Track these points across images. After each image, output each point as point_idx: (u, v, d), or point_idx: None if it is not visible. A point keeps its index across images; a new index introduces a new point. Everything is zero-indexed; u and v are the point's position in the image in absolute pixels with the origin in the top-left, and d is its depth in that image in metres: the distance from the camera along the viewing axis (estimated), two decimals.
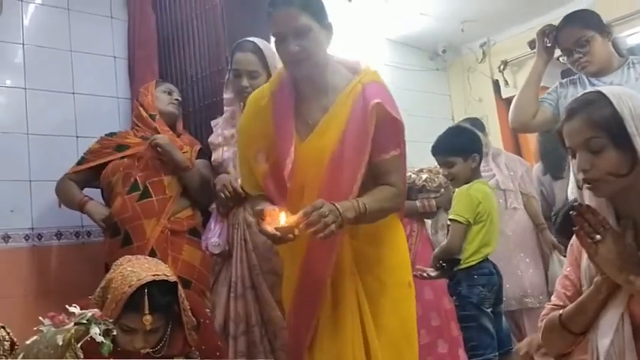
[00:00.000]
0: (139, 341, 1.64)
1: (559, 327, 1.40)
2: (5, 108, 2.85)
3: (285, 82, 1.83)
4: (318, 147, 1.72)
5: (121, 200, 2.54)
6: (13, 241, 2.75)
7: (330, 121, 1.73)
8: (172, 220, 2.54)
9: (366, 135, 1.67)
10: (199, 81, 2.92)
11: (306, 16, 1.70)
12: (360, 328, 1.71)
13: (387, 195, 1.73)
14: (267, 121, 1.80)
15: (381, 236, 1.80)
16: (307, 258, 1.73)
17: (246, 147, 1.88)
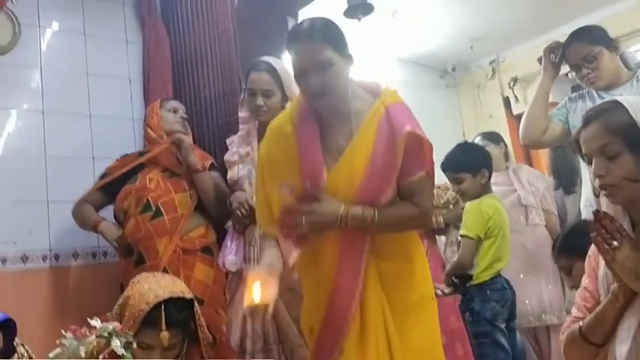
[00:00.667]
0: (156, 357, 1.66)
1: (580, 339, 1.41)
2: (23, 131, 2.91)
3: (307, 110, 1.80)
4: (346, 175, 1.72)
5: (134, 221, 2.58)
6: (31, 261, 2.80)
7: (357, 148, 1.71)
8: (184, 238, 2.57)
9: (394, 161, 1.67)
10: (213, 102, 2.98)
11: (328, 50, 1.67)
12: (387, 346, 1.72)
13: (405, 212, 1.75)
14: (291, 150, 1.76)
15: (404, 253, 1.82)
16: (337, 281, 1.73)
17: (269, 175, 1.82)
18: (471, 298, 2.50)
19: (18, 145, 2.87)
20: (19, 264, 2.76)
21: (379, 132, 1.69)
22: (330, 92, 1.68)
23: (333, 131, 1.75)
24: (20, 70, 2.95)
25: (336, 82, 1.69)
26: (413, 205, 1.74)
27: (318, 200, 1.68)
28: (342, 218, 1.67)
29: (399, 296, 1.78)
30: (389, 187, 1.71)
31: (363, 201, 1.70)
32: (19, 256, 2.77)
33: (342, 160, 1.72)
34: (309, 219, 1.67)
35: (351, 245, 1.74)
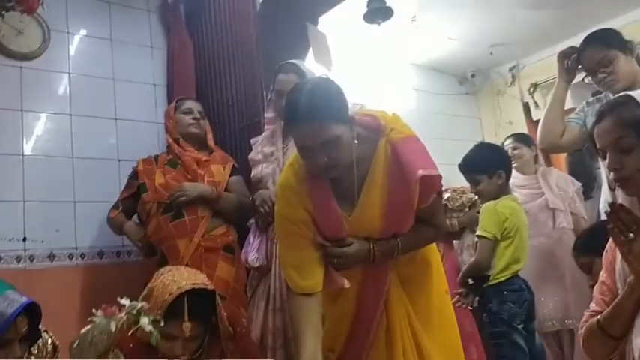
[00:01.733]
0: (178, 348, 1.70)
1: (598, 332, 1.43)
2: (52, 133, 3.01)
3: None
4: (365, 222, 1.76)
5: (156, 221, 2.65)
6: (58, 259, 2.89)
7: (371, 191, 1.73)
8: (206, 237, 2.61)
9: (409, 200, 1.70)
10: (235, 105, 3.05)
11: (331, 125, 1.60)
12: (414, 346, 1.79)
13: (424, 234, 1.85)
14: (306, 208, 1.75)
15: (422, 257, 1.90)
16: (363, 286, 1.82)
17: (292, 233, 1.78)
18: (488, 299, 2.51)
19: (47, 146, 2.97)
20: (47, 262, 2.85)
21: (390, 175, 1.71)
22: (338, 164, 1.66)
23: (343, 180, 1.74)
24: (49, 75, 3.06)
25: (343, 153, 1.65)
26: (430, 227, 1.83)
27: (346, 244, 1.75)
28: (371, 256, 1.76)
29: (421, 295, 1.87)
30: (408, 222, 1.77)
31: (386, 236, 1.78)
32: (46, 254, 2.86)
33: (360, 206, 1.74)
34: (341, 262, 1.76)
35: (376, 265, 1.81)
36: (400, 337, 1.78)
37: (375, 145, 1.73)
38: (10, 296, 1.60)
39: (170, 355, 1.71)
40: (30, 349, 1.70)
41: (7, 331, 1.55)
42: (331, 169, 1.66)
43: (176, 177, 2.71)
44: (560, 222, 3.19)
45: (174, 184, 2.67)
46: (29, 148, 2.92)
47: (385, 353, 1.80)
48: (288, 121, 1.68)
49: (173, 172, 2.74)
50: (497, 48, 4.67)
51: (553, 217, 3.22)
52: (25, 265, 2.77)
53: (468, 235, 3.31)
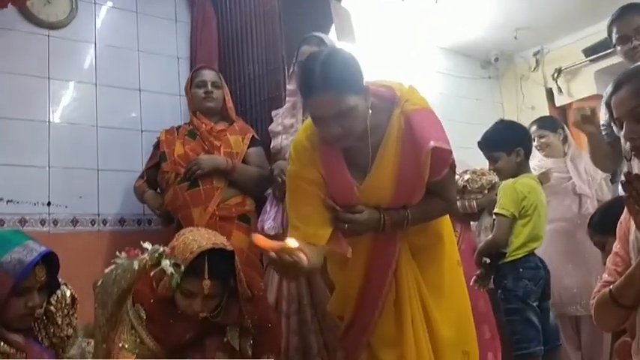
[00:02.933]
0: (197, 305, 1.74)
1: (610, 301, 1.43)
2: (77, 102, 3.07)
3: None
4: (376, 191, 1.77)
5: (173, 191, 2.70)
6: (80, 225, 2.95)
7: (383, 161, 1.75)
8: (221, 206, 2.64)
9: (420, 173, 1.72)
10: (257, 78, 3.07)
11: (346, 96, 1.60)
12: (423, 315, 1.81)
13: (434, 207, 1.85)
14: (318, 172, 1.78)
15: (433, 229, 1.92)
16: (372, 256, 1.85)
17: (301, 193, 1.80)
18: (504, 276, 2.52)
19: (72, 115, 3.03)
20: (70, 226, 2.92)
21: (403, 145, 1.72)
22: (351, 135, 1.67)
23: (356, 149, 1.75)
24: (76, 44, 3.11)
25: (357, 123, 1.66)
26: (441, 200, 1.84)
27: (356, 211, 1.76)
28: (381, 225, 1.78)
29: (432, 266, 1.89)
30: (418, 193, 1.79)
31: (396, 207, 1.80)
32: (69, 219, 2.92)
33: (371, 176, 1.76)
34: (351, 228, 1.77)
35: (386, 234, 1.83)
36: (409, 307, 1.81)
37: (389, 115, 1.73)
38: (29, 246, 1.65)
39: (189, 312, 1.75)
40: (49, 300, 1.75)
41: (26, 278, 1.61)
42: (344, 139, 1.67)
43: (194, 148, 2.75)
44: (586, 208, 3.16)
45: (192, 155, 2.71)
46: (55, 116, 2.98)
47: (394, 322, 1.83)
48: (303, 90, 1.69)
49: (192, 143, 2.77)
50: (521, 32, 4.61)
51: (579, 203, 3.19)
52: (49, 229, 2.84)
53: (486, 217, 3.30)
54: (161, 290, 1.76)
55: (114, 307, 1.26)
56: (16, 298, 1.61)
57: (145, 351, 1.79)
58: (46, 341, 1.74)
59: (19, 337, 1.65)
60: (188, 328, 1.82)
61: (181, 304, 1.76)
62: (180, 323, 1.80)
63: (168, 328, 1.79)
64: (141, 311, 1.80)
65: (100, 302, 1.27)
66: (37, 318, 1.71)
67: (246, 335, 1.89)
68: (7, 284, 1.58)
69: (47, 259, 1.70)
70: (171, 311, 1.79)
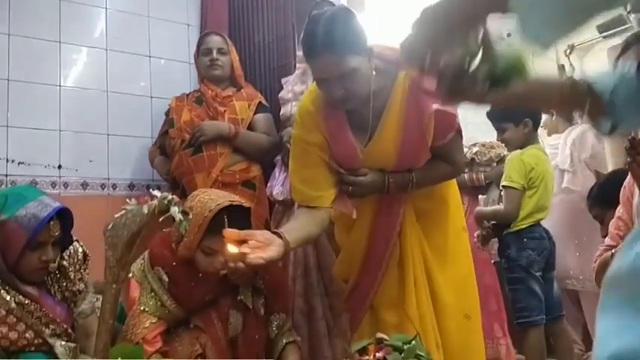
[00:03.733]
0: (218, 262, 1.76)
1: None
2: (88, 67, 3.09)
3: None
4: (380, 154, 1.78)
5: (178, 156, 2.72)
6: (90, 188, 3.00)
7: (387, 124, 1.75)
8: (225, 172, 2.65)
9: (425, 136, 1.72)
10: (267, 46, 3.07)
11: (349, 58, 1.59)
12: (425, 278, 1.84)
13: (439, 171, 1.85)
14: (322, 134, 1.79)
15: (438, 193, 1.92)
16: (376, 218, 1.86)
17: (306, 155, 1.82)
18: (508, 245, 2.54)
19: (82, 79, 3.05)
20: (80, 190, 2.96)
21: (407, 108, 1.71)
22: (354, 97, 1.66)
23: (361, 111, 1.75)
24: (87, 9, 3.12)
25: (360, 85, 1.65)
26: (446, 164, 1.83)
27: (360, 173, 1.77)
28: (385, 188, 1.79)
29: (436, 230, 1.90)
30: (423, 157, 1.79)
31: (400, 170, 1.80)
32: (79, 182, 2.96)
33: (375, 140, 1.76)
34: (355, 190, 1.78)
35: (390, 197, 1.84)
36: (412, 269, 1.82)
37: (394, 78, 1.73)
38: (44, 201, 1.69)
39: (210, 270, 1.78)
40: (62, 255, 1.79)
41: (40, 233, 1.65)
42: (347, 101, 1.67)
43: (200, 114, 2.77)
44: (566, 181, 3.17)
45: (197, 121, 2.72)
46: (66, 80, 3.00)
47: (397, 284, 1.85)
48: (306, 52, 1.68)
49: (198, 109, 2.79)
50: None
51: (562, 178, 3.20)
52: (59, 192, 2.88)
53: (494, 190, 3.30)
54: (181, 251, 1.79)
55: (124, 250, 1.29)
56: (30, 252, 1.65)
57: (166, 314, 1.82)
58: (59, 295, 1.79)
59: (33, 290, 1.69)
60: (208, 289, 1.84)
61: (202, 263, 1.79)
62: (202, 285, 1.83)
63: (191, 291, 1.82)
64: (162, 275, 1.82)
65: (110, 245, 1.31)
66: (50, 272, 1.75)
67: (258, 295, 1.92)
68: (22, 238, 1.62)
69: (61, 215, 1.73)
70: (193, 274, 1.82)
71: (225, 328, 1.84)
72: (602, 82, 0.98)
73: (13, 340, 1.60)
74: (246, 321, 1.87)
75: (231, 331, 1.85)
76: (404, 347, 1.31)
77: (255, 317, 1.89)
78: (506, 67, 0.90)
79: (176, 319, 1.85)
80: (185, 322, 1.85)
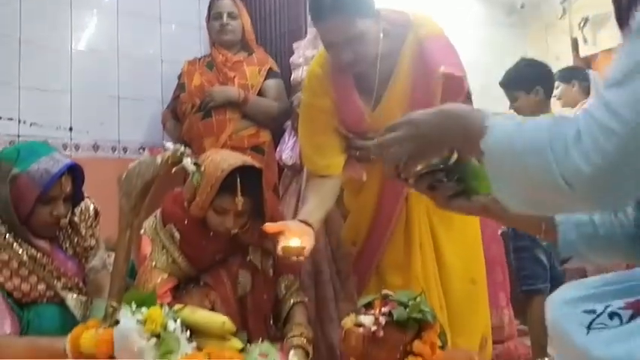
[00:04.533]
0: (229, 221, 1.79)
1: None
2: (99, 29, 3.09)
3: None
4: (389, 116, 1.69)
5: (189, 121, 2.75)
6: (101, 150, 3.02)
7: (395, 87, 1.75)
8: (233, 137, 2.66)
9: (432, 100, 1.71)
10: (278, 10, 3.05)
11: (356, 20, 1.60)
12: (431, 239, 1.85)
13: None
14: (330, 98, 1.80)
15: None
16: (383, 183, 1.85)
17: (315, 121, 1.84)
18: None
19: (94, 42, 3.05)
20: (91, 152, 2.98)
21: (415, 71, 1.71)
22: (362, 60, 1.66)
23: (369, 75, 1.75)
24: None
25: (367, 49, 1.65)
26: None
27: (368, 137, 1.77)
28: None
29: None
30: None
31: None
32: (91, 144, 2.99)
33: (383, 103, 1.76)
34: (363, 155, 1.79)
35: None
36: (418, 234, 1.84)
37: (403, 41, 1.72)
38: (56, 157, 1.71)
39: (221, 229, 1.80)
40: (73, 211, 1.82)
41: (52, 188, 1.67)
42: (356, 64, 1.67)
43: (210, 79, 2.77)
44: None
45: (208, 86, 2.73)
46: (77, 43, 3.00)
47: (403, 248, 1.87)
48: (314, 16, 1.68)
49: (209, 74, 2.80)
50: None
51: None
52: (70, 154, 2.90)
53: None
54: (193, 210, 1.81)
55: (137, 198, 1.32)
56: (42, 207, 1.68)
57: (177, 270, 1.85)
58: (70, 250, 1.82)
59: (45, 244, 1.72)
60: (219, 248, 1.87)
61: (213, 222, 1.81)
62: (212, 244, 1.85)
63: (201, 249, 1.85)
64: (174, 232, 1.85)
65: (124, 193, 1.34)
66: (61, 227, 1.78)
67: (267, 256, 1.94)
68: (34, 192, 1.64)
69: (72, 172, 1.76)
70: (204, 232, 1.84)
71: (234, 287, 1.87)
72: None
73: (25, 292, 1.63)
74: (255, 281, 1.90)
75: (240, 290, 1.88)
76: (409, 303, 1.33)
77: (263, 277, 1.92)
78: (474, 182, 1.00)
79: (186, 275, 1.88)
80: (195, 279, 1.88)
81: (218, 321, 1.30)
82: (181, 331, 1.20)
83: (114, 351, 1.15)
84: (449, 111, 0.90)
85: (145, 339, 1.15)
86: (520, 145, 0.79)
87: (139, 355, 1.13)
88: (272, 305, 1.95)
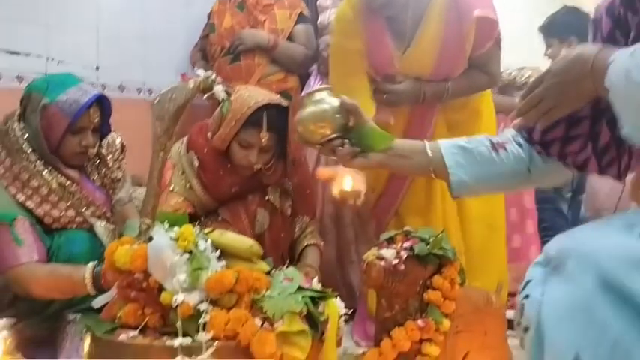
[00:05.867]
0: (253, 156, 1.81)
1: None
2: None
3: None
4: (419, 59, 1.76)
5: (217, 64, 2.74)
6: (127, 91, 3.03)
7: (427, 30, 1.73)
8: (262, 82, 2.64)
9: (464, 44, 1.70)
10: None
11: None
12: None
13: (476, 81, 1.84)
14: (360, 41, 1.79)
15: (472, 105, 1.92)
16: (408, 129, 1.87)
17: (344, 64, 1.84)
18: None
19: None
20: (117, 92, 2.99)
21: (447, 14, 1.69)
22: (394, 2, 1.65)
23: (399, 15, 1.73)
24: None
25: None
26: (483, 73, 1.82)
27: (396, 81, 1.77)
28: (420, 97, 1.79)
29: None
30: (460, 66, 1.77)
31: (437, 78, 1.79)
32: (116, 84, 3.00)
33: (414, 46, 1.75)
34: (390, 99, 1.79)
35: (423, 106, 1.84)
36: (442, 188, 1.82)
37: None
38: (83, 87, 1.73)
39: (245, 163, 1.83)
40: (100, 143, 1.85)
41: (81, 118, 1.70)
42: (388, 5, 1.67)
43: (240, 21, 2.75)
44: None
45: (238, 28, 2.72)
46: None
47: (424, 194, 1.89)
48: None
49: (239, 16, 2.77)
50: None
51: None
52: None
53: None
54: (216, 141, 1.83)
55: (170, 121, 1.35)
56: (71, 137, 1.71)
57: (193, 196, 1.89)
58: (98, 181, 1.86)
59: (74, 173, 1.76)
60: (235, 182, 1.89)
61: (237, 155, 1.83)
62: (229, 176, 1.88)
63: (217, 179, 1.88)
64: (194, 159, 1.88)
65: (157, 116, 1.36)
66: (90, 158, 1.81)
67: (285, 196, 1.97)
68: (64, 122, 1.67)
69: (100, 104, 1.78)
70: (222, 163, 1.87)
71: (252, 224, 1.91)
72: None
73: (55, 217, 1.68)
74: (273, 220, 1.94)
75: (258, 228, 1.91)
76: (430, 239, 1.34)
77: (281, 217, 1.96)
78: (369, 142, 1.15)
79: (204, 206, 1.91)
80: (214, 214, 1.92)
81: (246, 243, 1.34)
82: (211, 250, 1.24)
83: (148, 266, 1.19)
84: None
85: (178, 254, 1.18)
86: (636, 74, 0.80)
87: (171, 270, 1.17)
88: (288, 245, 1.99)
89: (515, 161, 1.11)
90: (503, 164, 1.11)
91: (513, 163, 1.11)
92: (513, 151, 1.12)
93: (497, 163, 1.12)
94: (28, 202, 1.64)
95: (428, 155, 1.15)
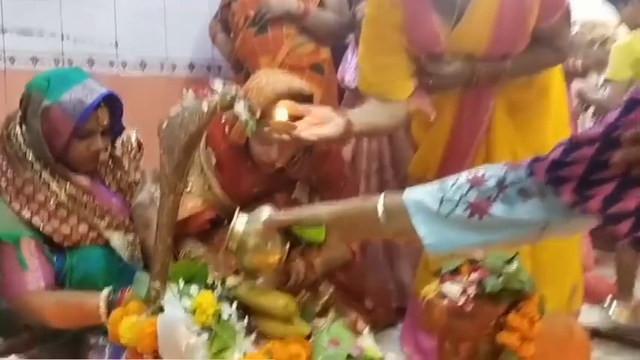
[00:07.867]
0: (274, 152, 1.59)
1: None
2: None
3: None
4: (471, 34, 1.52)
5: (242, 35, 2.53)
6: (149, 68, 2.84)
7: (480, 3, 1.48)
8: (291, 55, 2.46)
9: (528, 9, 1.46)
10: None
11: None
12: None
13: (542, 59, 1.60)
14: (401, 15, 1.54)
15: (539, 82, 1.66)
16: (459, 115, 1.65)
17: (379, 41, 1.60)
18: None
19: None
20: (138, 69, 2.81)
21: None
22: None
23: None
24: None
25: None
26: (551, 50, 1.57)
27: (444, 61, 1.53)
28: (472, 80, 1.55)
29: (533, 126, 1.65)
30: (522, 42, 1.52)
31: (493, 57, 1.53)
32: (137, 61, 2.81)
33: (464, 22, 1.50)
34: (437, 82, 1.55)
35: (478, 90, 1.60)
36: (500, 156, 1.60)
37: None
38: (89, 85, 1.52)
39: (265, 159, 1.62)
40: (113, 144, 1.65)
41: (88, 121, 1.49)
42: None
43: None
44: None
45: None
46: None
47: None
48: None
49: None
50: None
51: None
52: (117, 72, 2.74)
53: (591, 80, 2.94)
54: (233, 136, 1.63)
55: (181, 155, 1.07)
56: (78, 141, 1.52)
57: (211, 197, 1.69)
58: (114, 186, 1.68)
59: (85, 180, 1.58)
60: (256, 181, 1.69)
61: (257, 152, 1.63)
62: (250, 175, 1.68)
63: (237, 178, 1.68)
64: (211, 156, 1.69)
65: (165, 148, 1.09)
66: (102, 162, 1.62)
67: (315, 193, 1.77)
68: (68, 125, 1.48)
69: (109, 102, 1.56)
70: (242, 161, 1.67)
71: None
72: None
73: (66, 234, 1.50)
74: None
75: None
76: (503, 270, 1.10)
77: None
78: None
79: (225, 208, 1.69)
80: None
81: (280, 303, 1.06)
82: (237, 317, 1.00)
83: (158, 346, 0.97)
84: None
85: (195, 333, 0.96)
86: None
87: (187, 353, 0.95)
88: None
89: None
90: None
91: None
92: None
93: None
94: (35, 219, 1.47)
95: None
